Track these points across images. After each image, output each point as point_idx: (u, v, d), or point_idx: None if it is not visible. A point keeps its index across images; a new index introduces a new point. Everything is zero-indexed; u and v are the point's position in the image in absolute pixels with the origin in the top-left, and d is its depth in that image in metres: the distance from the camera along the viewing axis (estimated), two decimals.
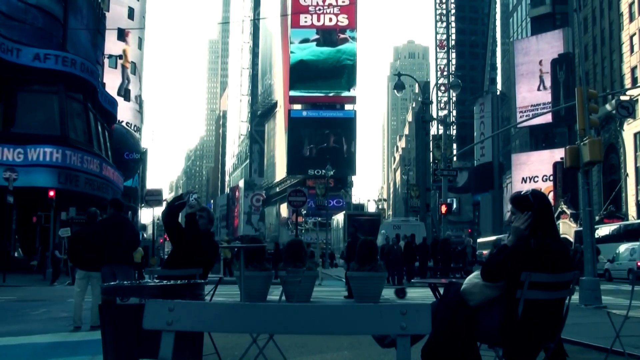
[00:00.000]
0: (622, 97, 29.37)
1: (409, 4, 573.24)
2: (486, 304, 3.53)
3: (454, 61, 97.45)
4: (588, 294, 11.55)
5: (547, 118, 57.96)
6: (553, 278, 3.44)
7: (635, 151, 46.33)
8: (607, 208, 43.90)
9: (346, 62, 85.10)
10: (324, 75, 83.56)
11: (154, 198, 27.80)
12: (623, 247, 26.93)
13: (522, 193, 3.69)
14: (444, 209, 25.13)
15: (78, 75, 31.67)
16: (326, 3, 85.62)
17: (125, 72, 61.78)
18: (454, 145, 75.96)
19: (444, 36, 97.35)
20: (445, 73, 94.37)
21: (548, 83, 63.70)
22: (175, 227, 6.06)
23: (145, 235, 67.08)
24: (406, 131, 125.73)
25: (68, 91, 31.37)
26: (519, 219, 3.55)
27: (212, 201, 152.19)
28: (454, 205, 63.84)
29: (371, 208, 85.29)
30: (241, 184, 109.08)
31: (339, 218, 51.18)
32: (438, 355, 3.44)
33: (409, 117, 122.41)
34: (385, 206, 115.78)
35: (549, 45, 64.18)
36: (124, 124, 59.84)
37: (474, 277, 3.65)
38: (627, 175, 47.17)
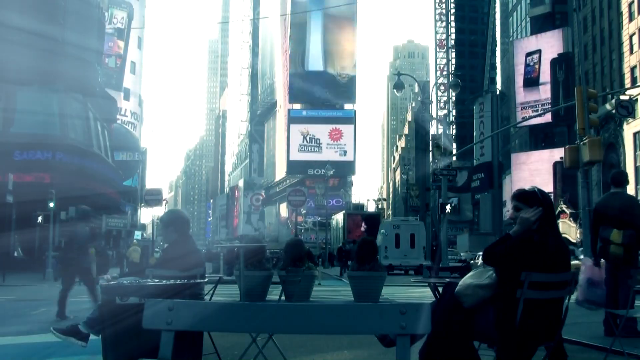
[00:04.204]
0: (622, 97, 29.29)
1: (409, 4, 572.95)
2: (481, 305, 3.53)
3: (453, 60, 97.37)
4: None
5: (547, 118, 57.90)
6: (550, 278, 3.44)
7: (635, 150, 46.32)
8: None
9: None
10: None
11: (153, 197, 27.72)
12: None
13: (527, 189, 3.70)
14: (448, 207, 24.53)
15: (78, 76, 31.67)
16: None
17: (125, 72, 61.69)
18: (454, 145, 75.89)
19: (444, 35, 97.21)
20: (444, 72, 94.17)
21: (548, 83, 63.63)
22: None
23: (145, 234, 67.13)
24: (406, 131, 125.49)
25: (68, 91, 31.37)
26: (529, 212, 3.54)
27: (211, 201, 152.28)
28: (454, 204, 63.69)
29: (371, 208, 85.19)
30: (241, 183, 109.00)
31: (338, 218, 51.12)
32: (435, 356, 3.44)
33: (409, 117, 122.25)
34: (385, 206, 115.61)
35: (549, 45, 64.14)
36: (123, 123, 59.79)
37: (468, 278, 3.65)
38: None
